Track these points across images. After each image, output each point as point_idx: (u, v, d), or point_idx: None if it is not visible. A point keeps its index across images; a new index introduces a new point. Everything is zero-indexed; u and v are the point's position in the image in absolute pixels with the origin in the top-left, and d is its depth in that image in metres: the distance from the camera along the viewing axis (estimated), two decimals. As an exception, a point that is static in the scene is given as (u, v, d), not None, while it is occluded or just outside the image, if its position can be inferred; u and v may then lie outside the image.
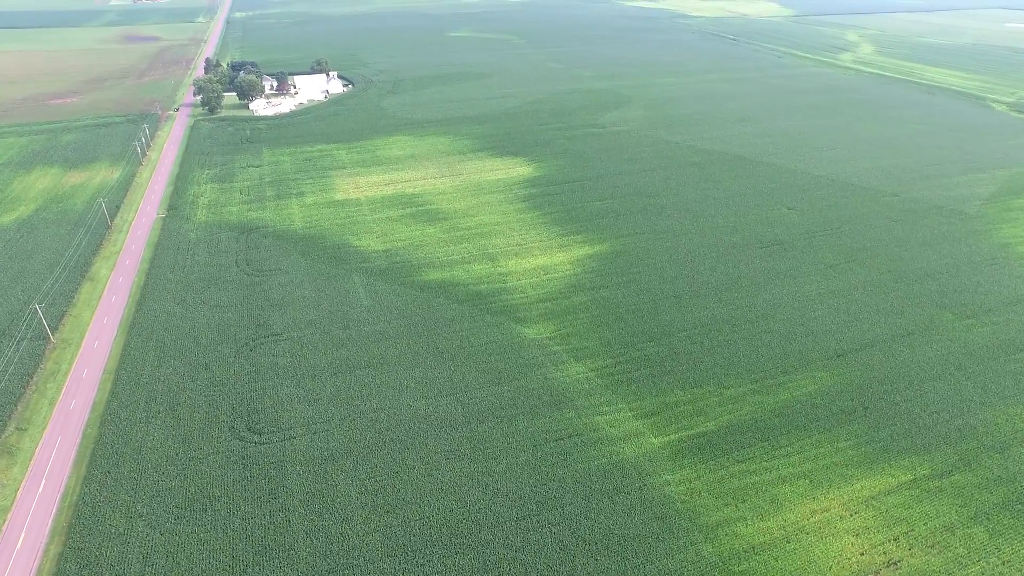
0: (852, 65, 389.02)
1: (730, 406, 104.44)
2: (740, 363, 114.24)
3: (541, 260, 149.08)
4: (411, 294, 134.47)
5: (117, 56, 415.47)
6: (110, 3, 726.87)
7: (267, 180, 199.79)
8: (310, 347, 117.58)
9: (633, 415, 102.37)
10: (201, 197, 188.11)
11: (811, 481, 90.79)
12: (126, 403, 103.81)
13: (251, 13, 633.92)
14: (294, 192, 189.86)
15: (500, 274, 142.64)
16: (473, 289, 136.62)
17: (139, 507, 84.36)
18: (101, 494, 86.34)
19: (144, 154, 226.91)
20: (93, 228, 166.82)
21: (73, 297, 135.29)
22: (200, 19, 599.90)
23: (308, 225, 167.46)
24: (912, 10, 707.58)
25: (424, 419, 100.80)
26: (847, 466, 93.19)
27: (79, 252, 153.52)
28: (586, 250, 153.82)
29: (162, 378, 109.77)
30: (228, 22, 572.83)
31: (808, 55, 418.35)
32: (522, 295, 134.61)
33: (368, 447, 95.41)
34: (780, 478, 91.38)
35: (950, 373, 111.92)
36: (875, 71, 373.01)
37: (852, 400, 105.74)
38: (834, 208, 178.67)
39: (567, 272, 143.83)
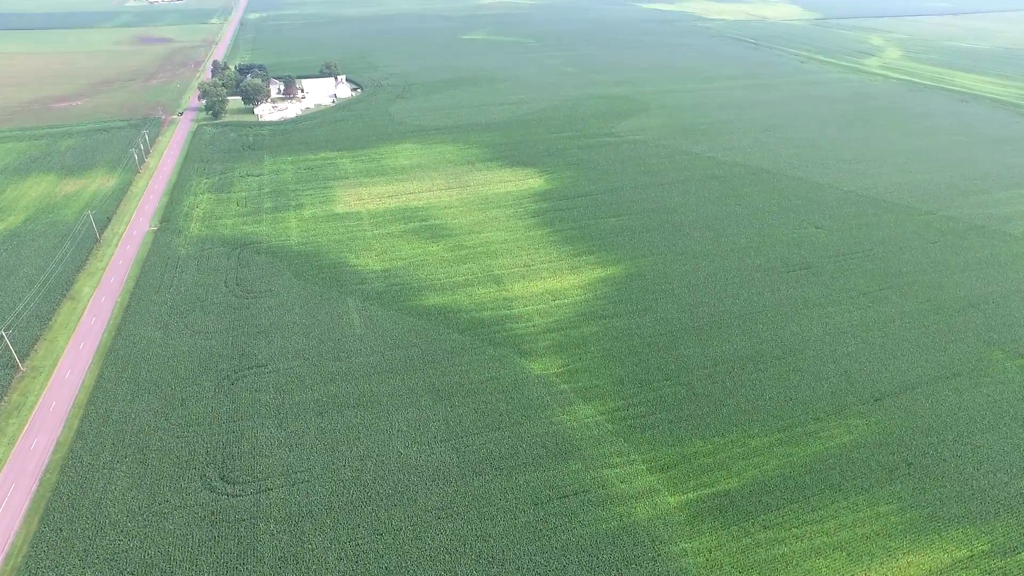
0: (879, 71, 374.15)
1: (755, 459, 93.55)
2: (766, 407, 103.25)
3: (550, 283, 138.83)
4: (408, 321, 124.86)
5: (127, 58, 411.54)
6: (127, 4, 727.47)
7: (266, 190, 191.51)
8: (296, 381, 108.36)
9: (647, 468, 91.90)
10: (196, 208, 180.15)
11: (849, 554, 79.73)
12: (91, 444, 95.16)
13: (265, 14, 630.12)
14: (293, 204, 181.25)
15: (505, 299, 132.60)
16: (476, 316, 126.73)
17: (89, 575, 75.29)
18: (48, 558, 77.35)
19: (143, 161, 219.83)
20: (80, 241, 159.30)
21: (50, 319, 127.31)
22: (214, 20, 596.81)
23: (304, 241, 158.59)
24: (939, 13, 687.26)
25: (414, 470, 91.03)
26: (890, 536, 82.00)
27: (62, 268, 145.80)
28: (598, 272, 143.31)
29: (134, 415, 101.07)
30: (242, 23, 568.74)
31: (832, 60, 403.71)
32: (528, 323, 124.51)
33: (351, 503, 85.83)
34: (813, 549, 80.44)
35: (1004, 423, 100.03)
36: (904, 77, 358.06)
37: (893, 454, 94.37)
38: (865, 227, 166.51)
39: (577, 298, 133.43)
